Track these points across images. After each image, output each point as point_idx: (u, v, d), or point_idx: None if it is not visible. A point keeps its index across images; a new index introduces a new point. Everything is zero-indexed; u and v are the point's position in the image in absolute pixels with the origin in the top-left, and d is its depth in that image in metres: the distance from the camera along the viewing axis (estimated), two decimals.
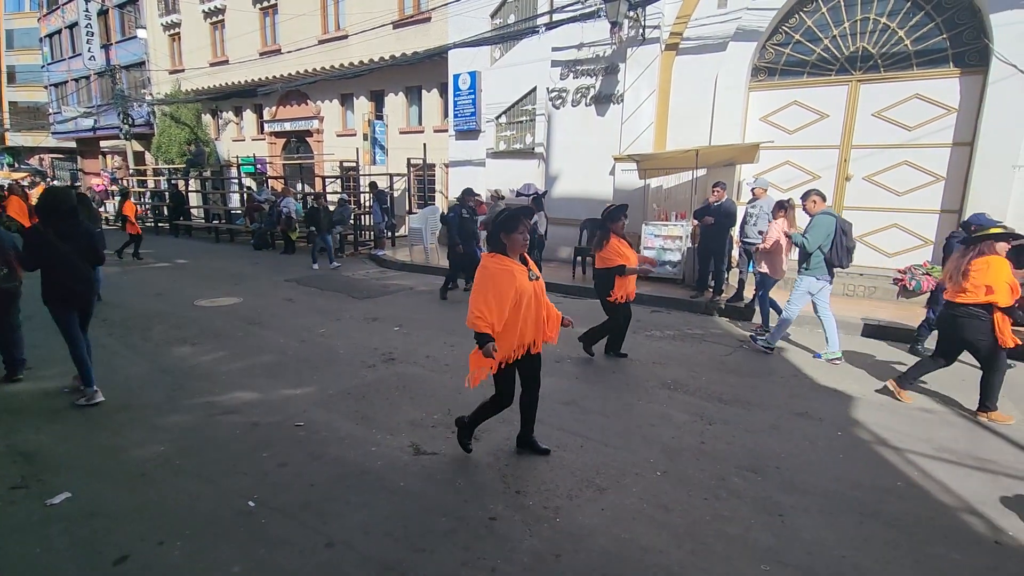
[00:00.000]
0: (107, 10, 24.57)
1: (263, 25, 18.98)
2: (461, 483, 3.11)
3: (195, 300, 7.67)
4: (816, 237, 5.21)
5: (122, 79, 23.57)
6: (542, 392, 4.45)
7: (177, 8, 21.57)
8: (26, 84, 34.89)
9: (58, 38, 29.04)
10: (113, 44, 24.80)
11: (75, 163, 31.61)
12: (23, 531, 2.66)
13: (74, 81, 28.08)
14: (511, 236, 3.13)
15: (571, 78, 10.82)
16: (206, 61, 20.86)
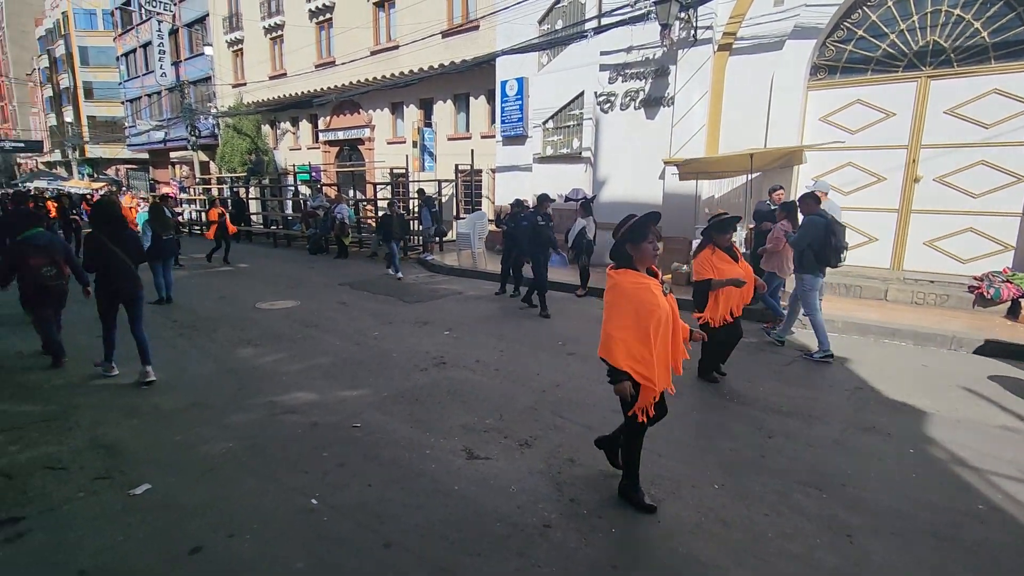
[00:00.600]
0: (177, 29, 26.19)
1: (319, 39, 19.75)
2: (515, 489, 3.12)
3: (256, 303, 8.04)
4: (803, 237, 5.47)
5: (190, 94, 25.04)
6: (594, 399, 4.46)
7: (240, 26, 22.76)
8: (104, 100, 37.57)
9: (133, 57, 31.18)
10: (182, 61, 26.41)
11: (147, 173, 33.79)
12: (107, 519, 2.86)
13: (147, 96, 30.06)
14: (640, 246, 2.79)
15: (620, 82, 10.73)
16: (266, 75, 21.91)
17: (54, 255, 5.15)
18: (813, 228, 5.44)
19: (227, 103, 23.64)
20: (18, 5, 50.08)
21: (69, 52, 38.69)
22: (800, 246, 5.55)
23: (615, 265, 2.87)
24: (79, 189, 25.32)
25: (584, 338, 6.37)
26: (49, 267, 5.10)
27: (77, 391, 4.58)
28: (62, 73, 40.91)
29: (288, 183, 20.88)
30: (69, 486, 3.15)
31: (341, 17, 18.63)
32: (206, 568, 2.48)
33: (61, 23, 39.17)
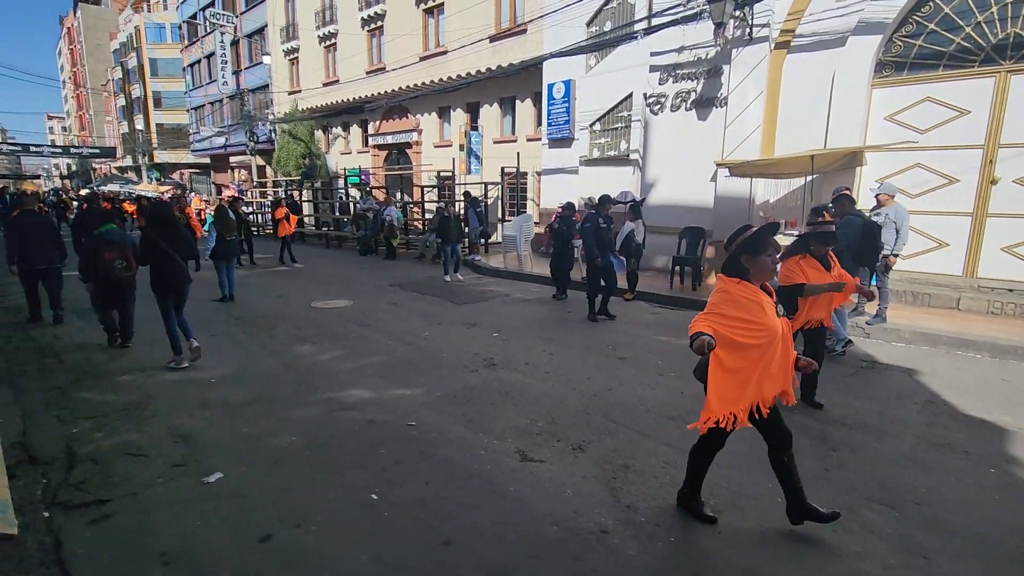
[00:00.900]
0: (238, 40, 27.51)
1: (370, 46, 20.32)
2: (570, 493, 3.12)
3: (311, 302, 8.34)
4: (841, 238, 5.30)
5: (249, 101, 26.23)
6: (647, 405, 4.40)
7: (296, 35, 23.68)
8: (171, 108, 39.85)
9: (198, 67, 32.95)
10: (243, 70, 27.70)
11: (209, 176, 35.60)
12: (184, 504, 3.03)
13: (210, 104, 31.69)
14: (758, 259, 2.57)
15: (670, 82, 10.55)
16: (320, 82, 22.70)
17: (124, 250, 5.78)
18: (851, 228, 5.45)
19: (283, 109, 24.64)
20: (94, 20, 53.79)
21: (140, 64, 41.26)
22: (838, 247, 5.42)
23: (727, 273, 2.66)
24: (148, 192, 26.93)
25: (634, 343, 6.30)
26: (120, 260, 5.70)
27: (152, 383, 4.87)
28: (134, 83, 43.65)
29: (339, 186, 21.58)
30: (149, 472, 3.35)
31: (392, 24, 19.10)
32: (276, 556, 2.59)
33: (133, 37, 41.81)
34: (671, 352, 5.93)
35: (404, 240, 14.86)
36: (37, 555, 2.62)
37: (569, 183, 13.42)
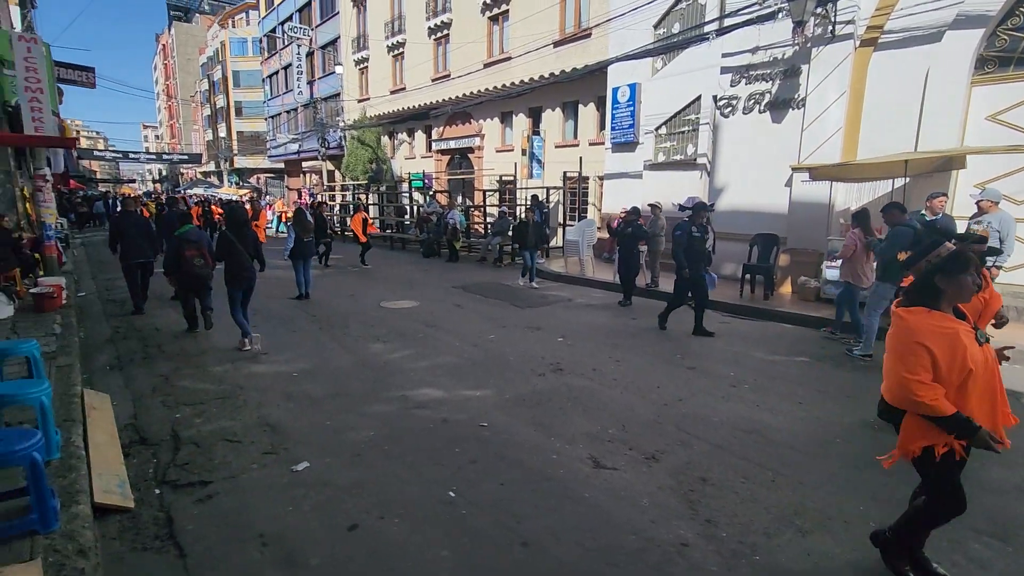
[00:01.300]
0: (313, 52, 28.97)
1: (436, 55, 20.87)
2: (646, 503, 3.08)
3: (380, 302, 8.65)
4: (891, 247, 5.42)
5: (321, 109, 27.55)
6: (721, 417, 4.28)
7: (367, 45, 24.66)
8: (250, 117, 42.46)
9: (275, 78, 34.94)
10: (316, 80, 29.15)
11: (283, 180, 37.63)
12: (276, 490, 3.22)
13: (285, 113, 33.54)
14: (958, 279, 2.19)
15: (743, 84, 10.21)
16: (387, 90, 23.53)
17: (201, 248, 6.47)
18: (901, 238, 5.37)
19: (352, 117, 25.71)
20: (186, 36, 58.18)
21: (224, 76, 44.25)
22: (888, 256, 5.49)
23: (906, 301, 2.30)
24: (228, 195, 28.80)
25: (703, 352, 6.13)
26: (198, 257, 6.38)
27: (241, 374, 5.21)
28: (218, 94, 46.87)
29: (403, 190, 22.25)
30: (244, 458, 3.59)
31: (457, 33, 19.54)
32: (363, 545, 2.71)
33: (219, 51, 44.92)
34: (743, 363, 5.73)
35: (466, 243, 15.13)
36: (152, 528, 2.87)
37: (632, 188, 13.23)
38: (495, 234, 13.69)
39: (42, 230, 9.54)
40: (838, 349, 6.23)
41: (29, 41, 9.11)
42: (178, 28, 59.16)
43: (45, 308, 6.83)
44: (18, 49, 8.95)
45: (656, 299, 9.15)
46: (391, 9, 22.94)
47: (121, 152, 41.21)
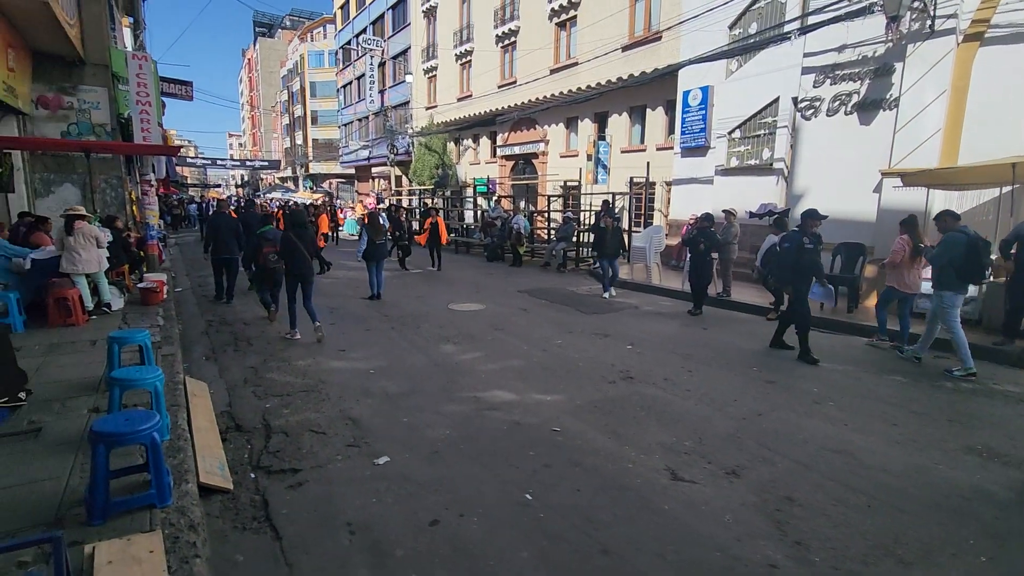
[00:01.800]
0: (385, 62, 30.13)
1: (503, 61, 21.16)
2: (729, 519, 2.98)
3: (448, 304, 8.84)
4: (942, 254, 5.51)
5: (391, 116, 28.58)
6: (805, 434, 4.06)
7: (436, 55, 25.37)
8: (325, 125, 44.68)
9: (349, 88, 36.60)
10: (387, 89, 30.28)
11: (353, 185, 39.30)
12: (360, 482, 3.36)
13: (357, 121, 35.03)
14: None
15: (827, 85, 9.70)
16: (454, 97, 24.09)
17: (277, 245, 7.03)
18: (954, 245, 5.45)
19: (420, 124, 26.50)
20: (269, 51, 62.04)
21: (302, 87, 46.83)
22: (939, 262, 5.57)
23: None
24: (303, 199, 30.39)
25: (781, 366, 5.85)
26: (274, 254, 7.06)
27: (323, 370, 5.48)
28: (296, 104, 49.65)
29: (468, 195, 22.66)
30: (329, 449, 3.77)
31: (524, 39, 19.73)
32: (445, 541, 2.78)
33: (298, 63, 47.59)
34: (826, 379, 5.42)
35: (529, 248, 15.20)
36: (250, 510, 3.07)
37: (702, 194, 12.86)
38: (559, 239, 13.68)
39: (146, 230, 10.45)
40: (936, 368, 5.78)
41: (140, 59, 10.03)
42: (262, 43, 63.21)
43: (149, 301, 7.48)
44: (131, 66, 9.87)
45: (727, 309, 8.83)
46: (460, 19, 23.50)
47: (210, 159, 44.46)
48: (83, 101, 9.71)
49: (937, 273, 5.64)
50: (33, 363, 4.76)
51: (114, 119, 10.07)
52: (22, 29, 8.14)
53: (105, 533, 2.47)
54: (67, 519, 2.58)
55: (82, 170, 9.44)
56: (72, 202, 9.27)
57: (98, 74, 9.86)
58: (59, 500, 2.74)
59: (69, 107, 9.63)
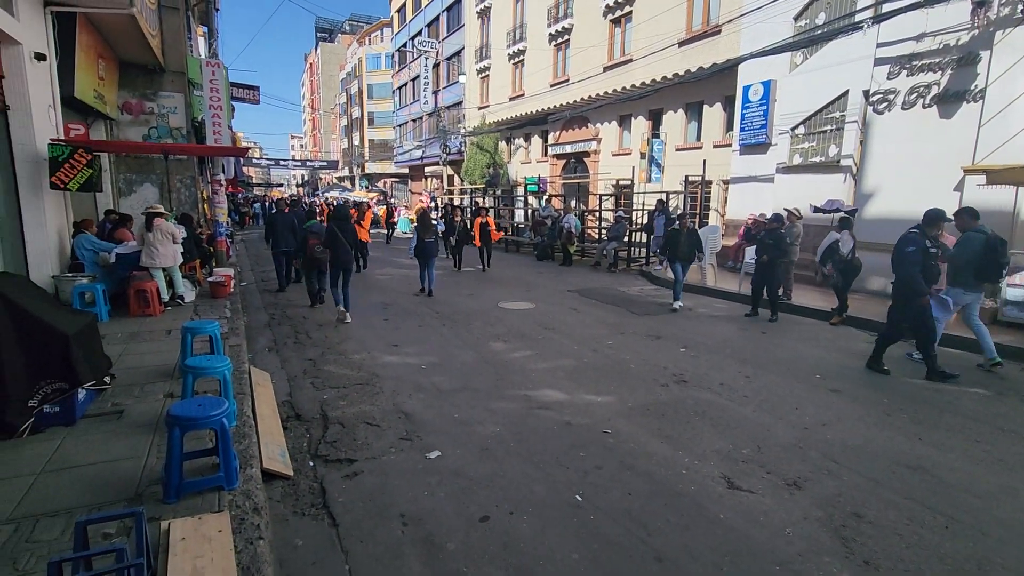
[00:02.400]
0: (439, 64, 30.65)
1: (555, 60, 21.07)
2: (790, 533, 2.84)
3: (499, 302, 8.89)
4: (960, 253, 5.57)
5: (444, 117, 29.04)
6: (875, 448, 3.83)
7: (489, 55, 25.57)
8: (380, 126, 45.91)
9: (404, 90, 37.47)
10: (440, 90, 30.80)
11: (406, 185, 40.22)
12: (413, 475, 3.43)
13: (412, 121, 35.82)
14: None
15: (903, 76, 9.09)
16: (506, 96, 24.20)
17: (322, 238, 7.85)
18: (970, 244, 5.50)
19: (472, 123, 26.79)
20: (329, 55, 64.39)
21: (360, 89, 48.32)
22: (958, 261, 5.62)
23: None
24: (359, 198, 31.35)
25: (847, 374, 5.54)
26: (319, 245, 7.78)
27: (377, 364, 5.63)
28: (354, 106, 51.28)
29: (518, 194, 22.73)
30: (383, 441, 3.87)
31: (577, 37, 19.57)
32: (495, 537, 2.79)
33: (356, 67, 49.13)
34: (898, 390, 5.09)
35: (580, 247, 15.07)
36: (308, 497, 3.19)
37: (761, 192, 12.36)
38: (611, 239, 13.49)
39: (215, 227, 11.06)
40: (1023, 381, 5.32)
41: (213, 66, 10.62)
42: (323, 48, 65.69)
43: (218, 294, 7.91)
44: (205, 73, 10.47)
45: (788, 312, 8.44)
46: (513, 19, 23.58)
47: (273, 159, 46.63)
48: (162, 106, 10.40)
49: (953, 271, 5.70)
50: (116, 350, 5.13)
51: (189, 123, 10.73)
52: (111, 41, 8.79)
53: (179, 511, 2.62)
54: (145, 496, 2.77)
55: (160, 171, 10.11)
56: (152, 200, 9.96)
57: (176, 81, 10.53)
58: (138, 478, 2.94)
59: (150, 112, 10.33)
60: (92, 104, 8.32)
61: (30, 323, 3.46)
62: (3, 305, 3.39)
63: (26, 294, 3.76)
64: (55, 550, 2.29)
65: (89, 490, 2.80)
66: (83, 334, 3.85)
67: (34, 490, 2.79)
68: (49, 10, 6.71)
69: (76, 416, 3.62)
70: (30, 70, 6.26)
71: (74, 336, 3.63)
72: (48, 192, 6.61)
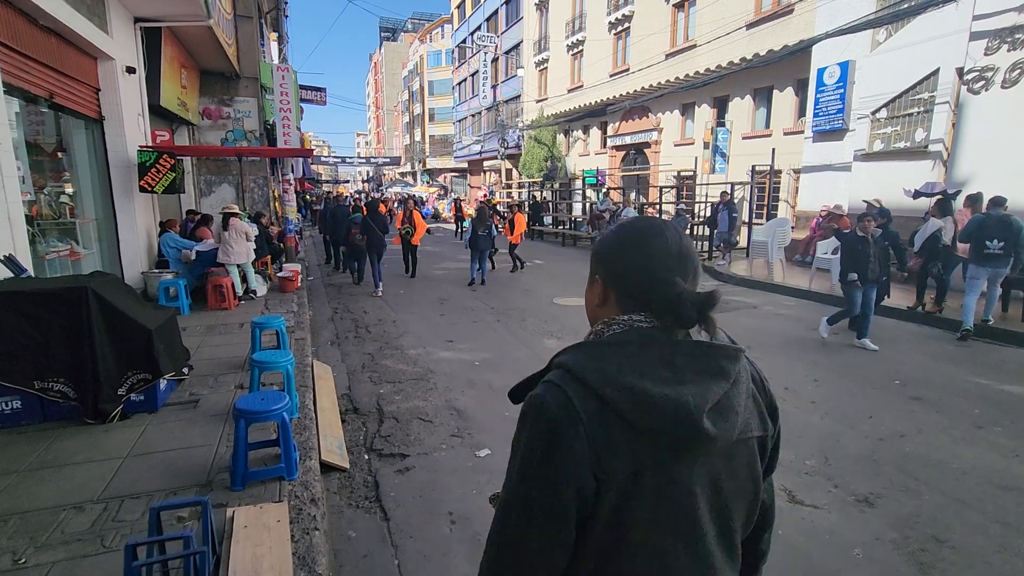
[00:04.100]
0: (497, 58, 30.75)
1: (615, 49, 20.59)
2: (859, 555, 2.65)
3: (554, 298, 8.85)
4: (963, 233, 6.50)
5: (502, 111, 29.13)
6: (963, 464, 3.51)
7: (547, 47, 25.36)
8: (440, 121, 46.75)
9: (463, 85, 37.88)
10: (499, 84, 30.91)
11: (465, 179, 40.76)
12: (462, 472, 3.47)
13: (471, 116, 36.20)
14: None
15: (1003, 51, 8.21)
16: (565, 88, 23.93)
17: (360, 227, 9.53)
18: (968, 225, 6.48)
19: (530, 117, 26.71)
20: (393, 54, 66.09)
21: (421, 86, 49.33)
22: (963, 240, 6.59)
23: None
24: (421, 193, 32.11)
25: (932, 380, 5.10)
26: (359, 234, 9.47)
27: (432, 359, 5.74)
28: (415, 103, 52.45)
29: (576, 187, 22.49)
30: (434, 437, 3.95)
31: (638, 25, 19.02)
32: None
33: (418, 64, 50.17)
34: (993, 400, 4.62)
35: None
36: (362, 489, 3.30)
37: (837, 182, 11.60)
38: None
39: (285, 224, 11.66)
40: None
41: (283, 70, 11.16)
42: (387, 47, 67.50)
43: (286, 289, 8.34)
44: (275, 78, 11.01)
45: None
46: (572, 8, 23.23)
47: (340, 157, 48.58)
48: (237, 111, 11.03)
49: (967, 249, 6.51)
50: (194, 342, 5.52)
51: (261, 125, 11.33)
52: (192, 51, 9.42)
53: (243, 499, 2.79)
54: (215, 483, 2.96)
55: (236, 172, 10.75)
56: (229, 200, 10.62)
57: (250, 86, 11.14)
58: (210, 465, 3.15)
59: (227, 117, 10.99)
60: (176, 111, 8.96)
61: (119, 319, 3.78)
62: (98, 303, 3.72)
63: (116, 291, 4.11)
64: (136, 530, 2.50)
65: (167, 475, 3.03)
66: (164, 328, 4.16)
67: (121, 473, 3.05)
68: (139, 26, 7.27)
69: (158, 404, 3.93)
70: (122, 83, 6.81)
71: (156, 330, 3.93)
72: (137, 195, 7.19)
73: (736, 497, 0.86)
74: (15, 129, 5.17)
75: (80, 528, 2.53)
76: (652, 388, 0.76)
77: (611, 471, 0.77)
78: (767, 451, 0.94)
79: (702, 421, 0.75)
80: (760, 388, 0.95)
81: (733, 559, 0.89)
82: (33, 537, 2.46)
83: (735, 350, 0.85)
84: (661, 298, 0.83)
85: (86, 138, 6.66)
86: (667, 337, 0.83)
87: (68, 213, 6.35)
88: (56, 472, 3.04)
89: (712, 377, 0.80)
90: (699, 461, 0.81)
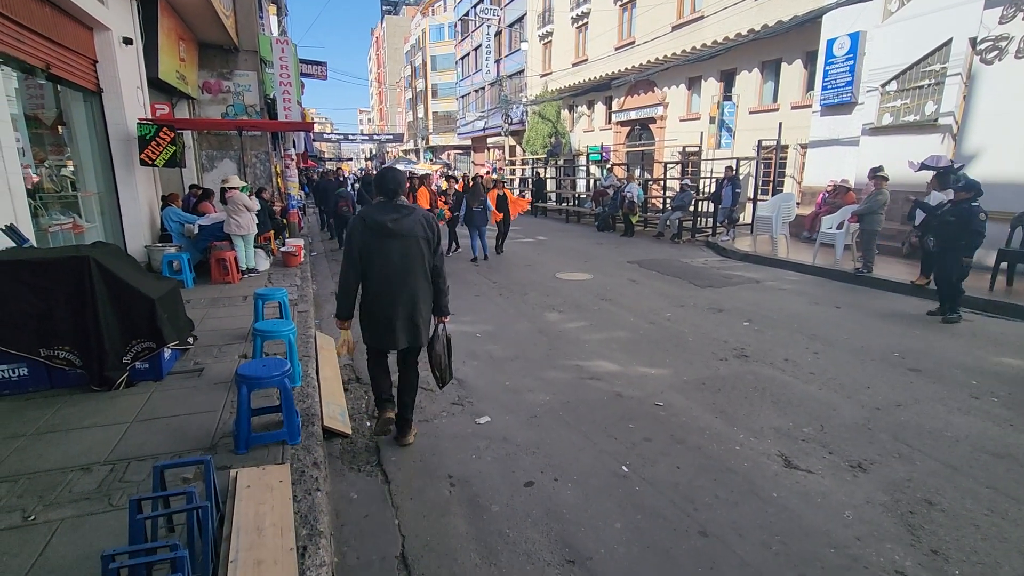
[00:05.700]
0: (500, 31, 30.17)
1: (621, 21, 20.15)
2: (849, 516, 2.70)
3: (556, 273, 8.85)
4: None
5: (506, 86, 28.70)
6: (956, 432, 3.54)
7: (551, 19, 24.84)
8: (444, 98, 46.13)
9: (466, 60, 37.29)
10: (502, 58, 30.38)
11: (469, 156, 40.40)
12: (462, 439, 3.53)
13: (474, 92, 35.69)
14: None
15: (1019, 19, 8.01)
16: (569, 62, 23.51)
17: (348, 201, 10.89)
18: None
19: (534, 92, 26.31)
20: (394, 28, 64.94)
21: (424, 61, 48.58)
22: None
23: None
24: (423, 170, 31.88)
25: (932, 352, 5.11)
26: (346, 207, 10.71)
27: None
28: (418, 78, 51.71)
29: (580, 163, 22.27)
30: (435, 405, 4.01)
31: None
32: (539, 503, 2.84)
33: (420, 38, 49.31)
34: (990, 371, 4.64)
35: (643, 218, 14.64)
36: (364, 454, 3.37)
37: (844, 157, 11.45)
38: (675, 208, 12.99)
39: (287, 200, 11.63)
40: None
41: (283, 43, 11.00)
42: (388, 21, 66.29)
43: (289, 264, 8.37)
44: (275, 51, 10.87)
45: (867, 286, 7.85)
46: None
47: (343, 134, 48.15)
48: (237, 85, 10.92)
49: None
50: (199, 314, 5.57)
51: (262, 100, 11.23)
52: (190, 23, 9.28)
53: (247, 461, 2.85)
54: (219, 446, 3.02)
55: (237, 147, 10.70)
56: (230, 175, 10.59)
57: (249, 59, 11.01)
58: (214, 430, 3.21)
59: (227, 91, 10.89)
60: (175, 84, 8.88)
61: (121, 288, 3.81)
62: (100, 271, 3.75)
63: (118, 261, 4.14)
64: (142, 490, 2.56)
65: (173, 439, 3.10)
66: (167, 298, 4.20)
67: (127, 437, 3.12)
68: None
69: (163, 373, 3.99)
70: (119, 54, 6.74)
71: (159, 300, 3.97)
72: (139, 168, 7.18)
73: (415, 257, 3.10)
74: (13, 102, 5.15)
75: (87, 488, 2.60)
76: (376, 216, 3.04)
77: (364, 243, 3.07)
78: (432, 244, 3.15)
79: (387, 224, 3.02)
80: (427, 223, 3.14)
81: (426, 278, 3.18)
82: (42, 496, 2.53)
83: (408, 207, 3.10)
84: (384, 193, 3.09)
85: (85, 111, 6.63)
86: (388, 202, 3.08)
87: (70, 186, 6.36)
88: (63, 436, 3.11)
89: (394, 212, 3.05)
90: (394, 241, 3.05)
